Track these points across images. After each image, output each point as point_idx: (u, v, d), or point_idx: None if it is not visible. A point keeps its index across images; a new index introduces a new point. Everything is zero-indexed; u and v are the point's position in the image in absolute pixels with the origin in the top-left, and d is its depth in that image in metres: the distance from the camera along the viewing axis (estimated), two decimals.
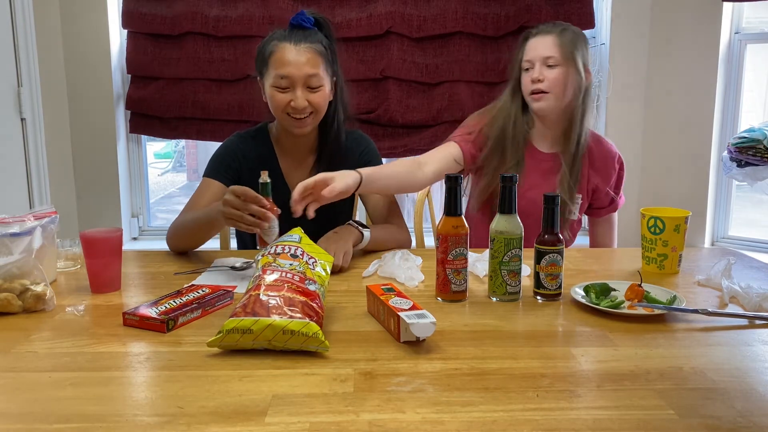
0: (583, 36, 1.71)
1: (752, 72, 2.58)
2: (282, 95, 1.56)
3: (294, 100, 1.55)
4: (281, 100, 1.57)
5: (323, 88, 1.58)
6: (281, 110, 1.58)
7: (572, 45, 1.66)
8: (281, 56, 1.55)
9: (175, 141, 3.77)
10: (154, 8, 2.59)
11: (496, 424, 0.76)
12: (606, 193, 1.79)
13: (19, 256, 1.17)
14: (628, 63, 2.64)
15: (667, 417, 0.79)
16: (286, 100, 1.56)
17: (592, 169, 1.77)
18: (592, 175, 1.77)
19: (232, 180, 1.63)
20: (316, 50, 1.57)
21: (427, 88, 2.61)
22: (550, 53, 1.66)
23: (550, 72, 1.66)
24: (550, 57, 1.65)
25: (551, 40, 1.67)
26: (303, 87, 1.56)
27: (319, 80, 1.57)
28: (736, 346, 1.01)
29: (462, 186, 1.21)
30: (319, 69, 1.56)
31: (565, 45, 1.66)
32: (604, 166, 1.78)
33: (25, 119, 2.28)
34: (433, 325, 0.98)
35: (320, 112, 1.61)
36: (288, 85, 1.55)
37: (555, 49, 1.66)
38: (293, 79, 1.54)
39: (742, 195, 2.77)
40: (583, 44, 1.70)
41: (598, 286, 1.21)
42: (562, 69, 1.66)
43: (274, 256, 1.08)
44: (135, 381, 0.90)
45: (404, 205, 3.07)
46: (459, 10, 2.53)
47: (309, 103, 1.57)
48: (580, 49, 1.68)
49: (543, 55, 1.66)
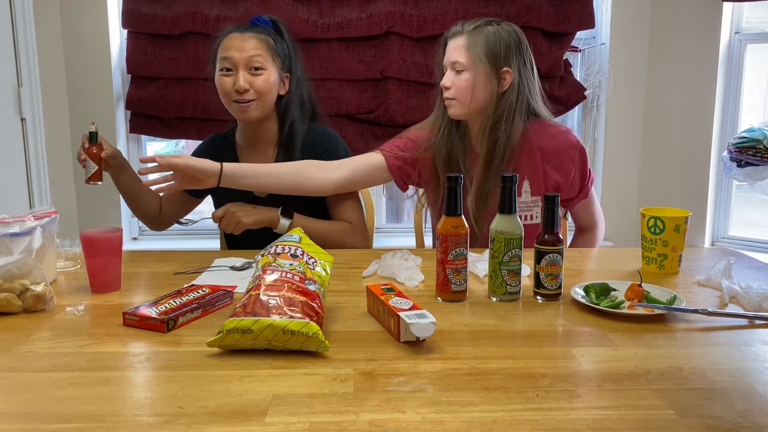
0: (507, 34, 1.59)
1: (752, 72, 2.58)
2: (226, 78, 1.63)
3: (236, 82, 1.61)
4: (226, 84, 1.63)
5: (266, 73, 1.63)
6: (227, 94, 1.64)
7: (484, 47, 1.57)
8: (227, 43, 1.64)
9: (175, 141, 3.77)
10: (154, 8, 2.58)
11: (496, 424, 0.76)
12: (571, 185, 1.69)
13: (19, 256, 1.17)
14: (628, 63, 2.64)
15: (667, 417, 0.79)
16: (230, 83, 1.63)
17: (548, 166, 1.66)
18: (550, 172, 1.66)
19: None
20: (260, 38, 1.64)
21: (427, 88, 2.60)
22: (456, 58, 1.58)
23: (457, 78, 1.59)
24: (456, 62, 1.59)
25: (460, 42, 1.59)
26: (245, 69, 1.62)
27: (262, 63, 1.63)
28: (736, 346, 1.01)
29: (462, 186, 1.20)
30: (261, 52, 1.63)
31: (472, 48, 1.57)
32: (559, 161, 1.66)
33: (25, 119, 2.27)
34: (433, 325, 0.98)
35: (264, 96, 1.65)
36: (231, 67, 1.62)
37: (462, 53, 1.58)
38: (235, 60, 1.62)
39: (742, 195, 2.76)
40: (504, 43, 1.58)
41: (598, 286, 1.21)
42: (469, 74, 1.58)
43: (274, 256, 1.08)
44: (135, 381, 0.90)
45: (404, 204, 3.07)
46: (459, 10, 2.53)
47: (251, 85, 1.62)
48: (497, 50, 1.57)
49: (451, 60, 1.60)
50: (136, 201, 1.79)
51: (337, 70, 2.57)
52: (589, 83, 2.66)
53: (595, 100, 2.69)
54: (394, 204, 3.16)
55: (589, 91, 2.66)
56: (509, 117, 1.60)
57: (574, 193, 1.72)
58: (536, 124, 1.65)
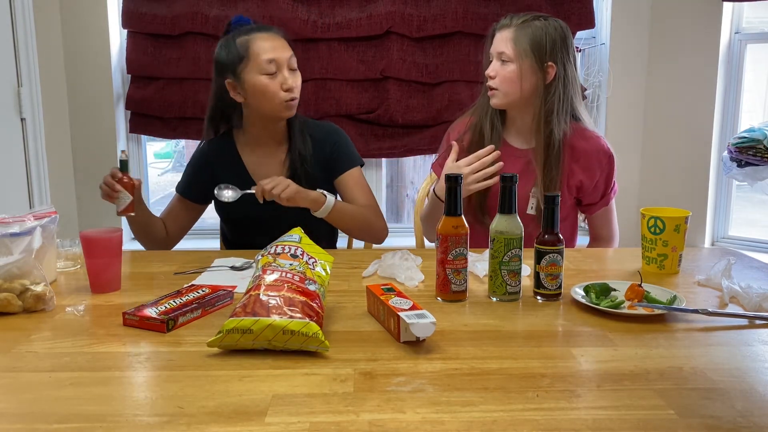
0: (554, 29, 1.62)
1: (752, 72, 2.58)
2: (273, 81, 1.61)
3: (284, 82, 1.61)
4: (273, 87, 1.61)
5: (298, 72, 1.66)
6: (276, 95, 1.61)
7: (530, 40, 1.60)
8: (263, 44, 1.60)
9: (175, 141, 3.77)
10: (154, 8, 2.58)
11: (496, 424, 0.76)
12: (594, 188, 1.72)
13: (19, 256, 1.17)
14: (628, 63, 2.64)
15: (667, 417, 0.79)
16: (277, 84, 1.61)
17: (576, 165, 1.69)
18: (576, 171, 1.70)
19: (202, 192, 1.75)
20: (285, 37, 1.65)
21: (427, 88, 2.61)
22: (502, 49, 1.61)
23: (502, 68, 1.62)
24: (502, 53, 1.62)
25: (507, 34, 1.62)
26: (288, 68, 1.62)
27: (296, 61, 1.65)
28: (736, 346, 1.01)
29: (462, 186, 1.20)
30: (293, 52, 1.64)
31: (519, 40, 1.60)
32: (588, 163, 1.70)
33: (25, 119, 2.27)
34: (433, 325, 0.98)
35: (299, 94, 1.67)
36: (276, 69, 1.60)
37: (508, 45, 1.61)
38: (280, 61, 1.60)
39: (742, 195, 2.77)
40: (550, 38, 1.61)
41: (598, 286, 1.21)
42: (514, 66, 1.61)
43: (274, 256, 1.08)
44: (135, 381, 0.90)
45: (404, 204, 3.07)
46: (459, 10, 2.53)
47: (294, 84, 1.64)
48: (543, 44, 1.60)
49: (497, 51, 1.63)
50: (146, 229, 1.71)
51: (337, 70, 2.57)
52: (589, 83, 2.66)
53: (595, 100, 2.69)
54: (394, 204, 3.17)
55: (589, 91, 2.66)
56: (560, 110, 1.65)
57: (596, 198, 1.75)
58: (574, 125, 1.70)
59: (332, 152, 1.74)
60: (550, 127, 1.64)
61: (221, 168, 1.73)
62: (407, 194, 3.14)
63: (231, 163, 1.73)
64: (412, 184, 3.14)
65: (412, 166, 3.15)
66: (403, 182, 3.16)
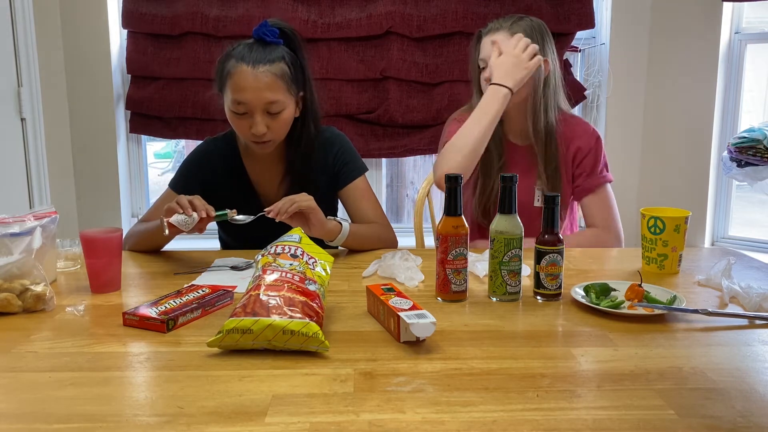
0: (539, 26, 1.69)
1: (752, 72, 2.58)
2: (240, 121, 1.51)
3: (253, 126, 1.49)
4: (240, 126, 1.52)
5: (284, 112, 1.52)
6: (243, 134, 1.54)
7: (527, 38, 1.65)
8: (238, 81, 1.47)
9: (175, 141, 3.77)
10: (154, 8, 2.58)
11: (496, 424, 0.76)
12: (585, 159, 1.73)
13: (19, 256, 1.17)
14: (628, 63, 2.64)
15: (667, 417, 0.79)
16: (246, 126, 1.50)
17: (568, 151, 1.72)
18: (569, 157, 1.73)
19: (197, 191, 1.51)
20: (275, 73, 1.48)
21: (427, 88, 2.61)
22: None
23: None
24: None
25: (501, 37, 1.66)
26: (262, 113, 1.49)
27: (280, 106, 1.49)
28: (736, 346, 1.01)
29: (461, 186, 1.20)
30: (279, 94, 1.49)
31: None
32: (579, 145, 1.73)
33: (25, 119, 2.28)
34: (433, 325, 0.98)
35: (281, 136, 1.56)
36: (246, 111, 1.49)
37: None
38: (251, 105, 1.48)
39: (742, 195, 2.77)
40: (539, 34, 1.67)
41: (598, 286, 1.20)
42: None
43: (274, 256, 1.08)
44: (135, 381, 0.90)
45: (404, 204, 3.07)
46: (459, 10, 2.53)
47: (269, 128, 1.50)
48: (536, 41, 1.65)
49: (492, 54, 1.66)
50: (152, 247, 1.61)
51: (337, 70, 2.57)
52: (589, 83, 2.67)
53: (595, 100, 2.69)
54: (394, 204, 3.17)
55: (589, 91, 2.66)
56: (553, 102, 1.70)
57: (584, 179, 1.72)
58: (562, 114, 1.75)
59: (336, 161, 1.67)
60: (547, 118, 1.69)
61: (222, 169, 1.68)
62: (407, 194, 3.14)
63: (232, 166, 1.68)
64: (412, 184, 3.14)
65: (412, 166, 3.15)
66: (403, 182, 3.16)
